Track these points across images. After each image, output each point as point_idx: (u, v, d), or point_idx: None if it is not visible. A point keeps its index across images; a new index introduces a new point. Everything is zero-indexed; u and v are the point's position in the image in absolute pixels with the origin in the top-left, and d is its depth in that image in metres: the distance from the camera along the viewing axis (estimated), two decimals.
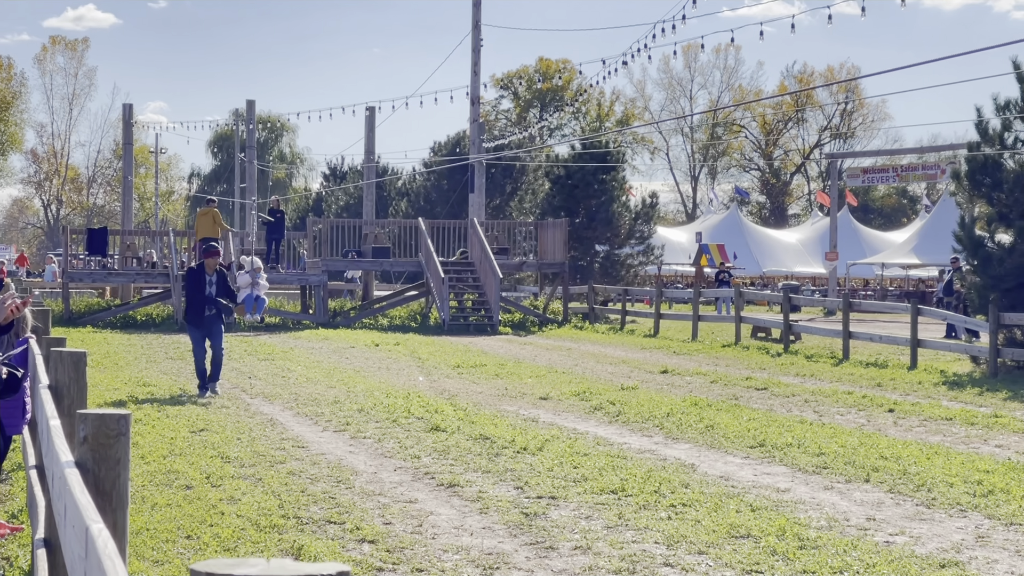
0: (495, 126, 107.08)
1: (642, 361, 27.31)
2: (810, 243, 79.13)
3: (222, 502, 10.88)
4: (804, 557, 9.01)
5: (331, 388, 20.69)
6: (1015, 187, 24.44)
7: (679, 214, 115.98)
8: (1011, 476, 12.40)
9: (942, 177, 61.60)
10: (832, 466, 13.14)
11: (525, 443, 14.37)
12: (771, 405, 19.16)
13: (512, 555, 9.16)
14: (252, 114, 63.67)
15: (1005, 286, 24.22)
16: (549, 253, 44.01)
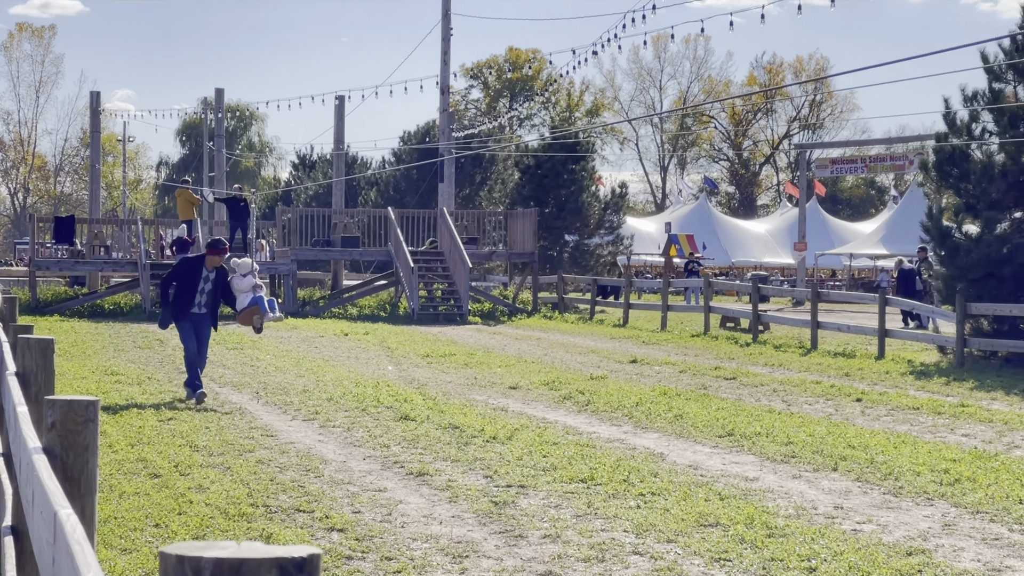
0: (465, 116, 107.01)
1: (611, 351, 27.36)
2: (779, 233, 79.35)
3: (191, 491, 10.86)
4: (772, 545, 9.04)
5: (300, 377, 20.66)
6: (982, 178, 24.56)
7: (648, 204, 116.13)
8: (977, 465, 12.48)
9: (910, 168, 61.86)
10: (800, 455, 13.19)
11: (494, 432, 14.38)
12: (740, 395, 19.23)
13: (481, 543, 9.17)
14: (221, 102, 63.44)
15: (972, 276, 24.35)
16: (519, 243, 44.02)
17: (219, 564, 1.73)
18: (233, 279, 18.37)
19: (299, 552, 1.75)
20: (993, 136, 25.33)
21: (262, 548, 1.77)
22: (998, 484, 11.42)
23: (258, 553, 1.74)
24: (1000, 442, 14.50)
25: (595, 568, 8.46)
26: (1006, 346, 23.75)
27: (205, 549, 1.76)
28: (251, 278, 18.66)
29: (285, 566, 1.74)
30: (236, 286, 18.34)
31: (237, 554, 1.74)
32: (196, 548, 1.76)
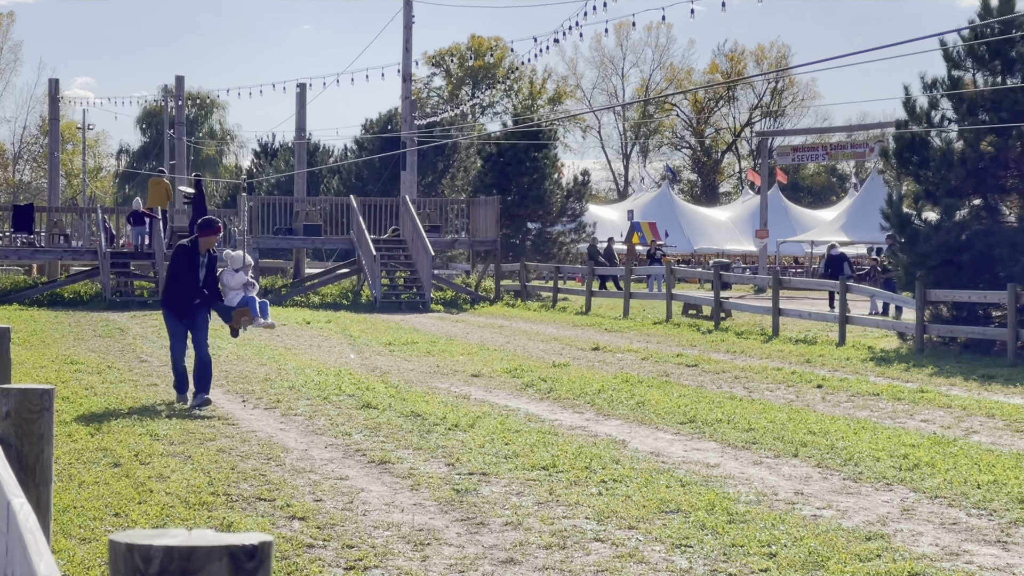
0: (427, 104, 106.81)
1: (574, 338, 27.39)
2: (741, 221, 79.56)
3: (151, 479, 10.81)
4: (733, 531, 9.08)
5: (262, 366, 20.59)
6: (942, 165, 24.69)
7: (611, 192, 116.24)
8: (936, 450, 12.56)
9: (870, 155, 62.18)
10: (761, 441, 13.24)
11: (456, 420, 14.38)
12: (702, 382, 19.28)
13: (443, 531, 9.17)
14: (181, 90, 63.15)
15: (931, 263, 24.49)
16: (481, 231, 44.00)
17: (169, 552, 1.72)
18: (223, 273, 16.48)
19: (250, 539, 1.74)
20: (952, 123, 25.47)
21: (213, 536, 1.76)
22: (956, 469, 11.50)
23: (209, 541, 1.74)
24: (959, 427, 14.59)
25: (556, 555, 8.47)
26: (965, 332, 23.91)
27: (155, 537, 1.75)
28: (243, 274, 16.77)
29: (236, 554, 1.73)
30: (225, 282, 16.42)
31: (188, 542, 1.73)
32: (146, 536, 1.75)
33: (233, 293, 16.54)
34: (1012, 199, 25.82)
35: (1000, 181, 25.17)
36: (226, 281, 16.48)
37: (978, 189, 25.10)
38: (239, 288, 16.64)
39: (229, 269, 16.68)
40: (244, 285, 16.68)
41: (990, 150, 24.75)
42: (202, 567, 1.70)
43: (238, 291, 16.64)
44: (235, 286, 16.59)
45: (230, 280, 16.57)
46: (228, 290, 16.45)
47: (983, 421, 15.06)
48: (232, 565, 1.71)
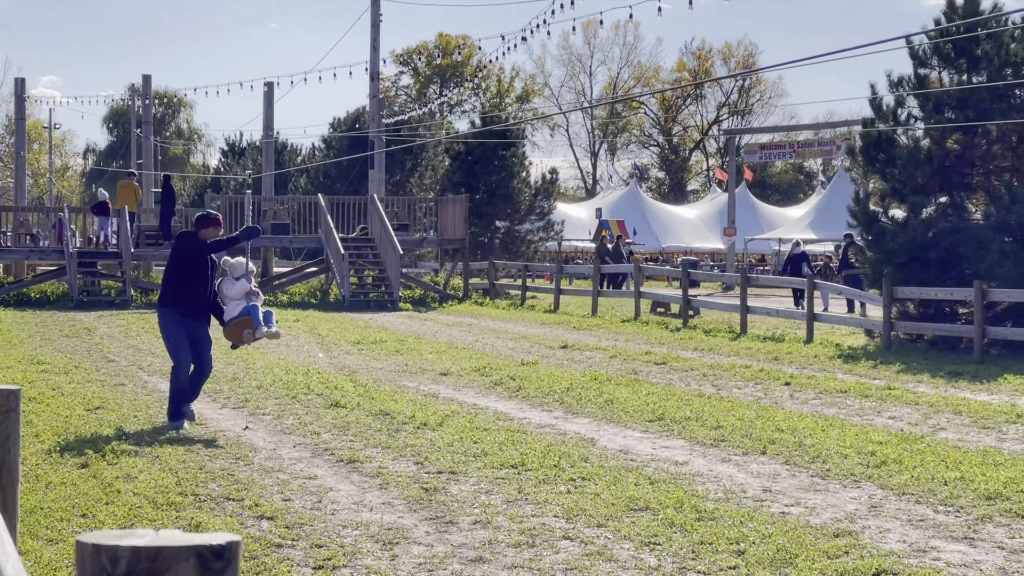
0: (395, 102, 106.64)
1: (542, 336, 27.40)
2: (709, 219, 79.78)
3: (118, 480, 10.76)
4: (701, 528, 9.10)
5: (229, 365, 20.52)
6: (908, 163, 24.79)
7: (579, 190, 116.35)
8: (903, 447, 12.62)
9: (837, 153, 62.40)
10: (730, 439, 13.27)
11: (425, 419, 14.36)
12: (670, 379, 19.32)
13: (412, 530, 9.16)
14: (148, 89, 62.88)
15: (898, 260, 24.59)
16: (449, 229, 43.97)
17: (136, 552, 1.71)
18: (222, 283, 14.53)
19: (218, 539, 1.73)
20: (919, 121, 25.58)
21: (180, 536, 1.75)
22: (924, 466, 11.55)
23: (176, 541, 1.73)
24: (926, 424, 14.66)
25: (525, 553, 8.47)
26: (932, 329, 24.02)
27: (122, 538, 1.74)
28: (245, 282, 14.61)
29: (204, 554, 1.72)
30: (226, 292, 14.46)
31: (155, 542, 1.72)
32: (113, 537, 1.74)
33: (234, 304, 14.48)
34: (978, 197, 25.95)
35: (966, 179, 25.30)
36: (226, 291, 14.47)
37: (944, 187, 25.22)
38: (240, 298, 14.54)
39: (229, 278, 14.55)
40: (247, 294, 14.57)
41: (956, 148, 24.88)
42: (169, 567, 1.69)
43: (239, 301, 14.53)
44: (236, 296, 14.52)
45: (230, 290, 14.50)
46: (228, 300, 14.46)
47: (950, 418, 15.13)
48: (199, 565, 1.71)
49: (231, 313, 14.48)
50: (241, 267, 14.58)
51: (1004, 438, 13.68)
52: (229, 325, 14.50)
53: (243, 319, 14.49)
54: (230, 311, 14.48)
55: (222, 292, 14.44)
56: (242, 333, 14.54)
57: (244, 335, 14.53)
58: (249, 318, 14.52)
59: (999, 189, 24.72)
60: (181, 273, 14.09)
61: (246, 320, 14.51)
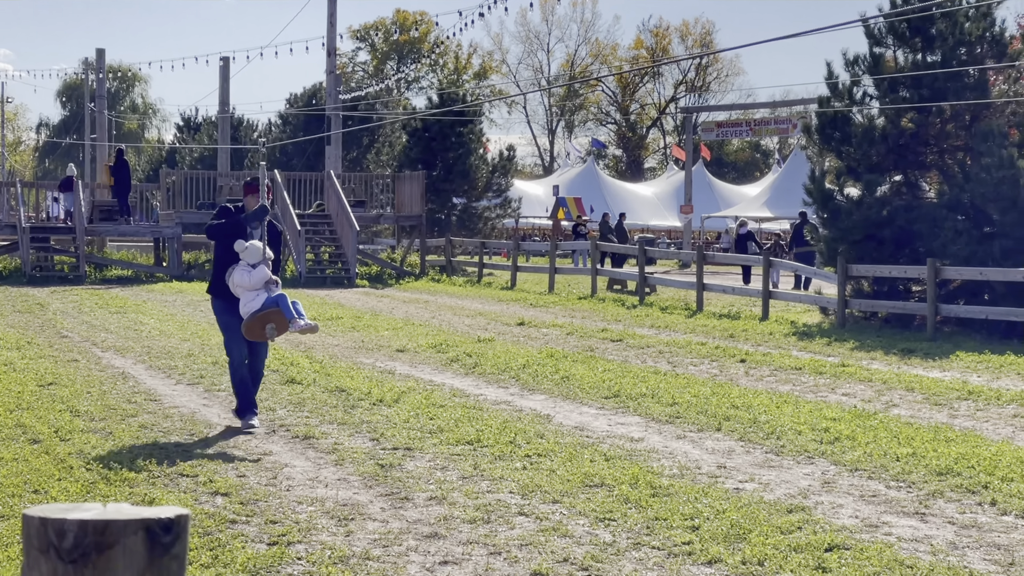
0: (352, 78, 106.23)
1: (499, 313, 27.40)
2: (665, 196, 79.91)
3: (71, 456, 10.70)
4: (656, 504, 9.13)
5: (185, 341, 20.43)
6: (863, 141, 24.90)
7: (536, 167, 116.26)
8: (857, 423, 12.70)
9: (793, 132, 62.62)
10: (685, 415, 13.32)
11: (381, 395, 14.35)
12: (626, 356, 19.36)
13: (367, 506, 9.15)
14: (102, 63, 62.38)
15: (853, 238, 24.71)
16: (406, 206, 43.88)
17: (83, 526, 1.70)
18: (236, 271, 12.61)
19: (166, 513, 1.72)
20: (874, 100, 25.69)
21: (129, 509, 1.74)
22: (876, 442, 11.63)
23: (124, 515, 1.71)
24: (879, 401, 14.76)
25: (481, 529, 8.48)
26: (886, 307, 24.17)
27: (69, 511, 1.72)
28: (264, 269, 12.71)
29: (152, 527, 1.71)
30: (238, 281, 12.58)
31: (102, 516, 1.71)
32: (60, 510, 1.72)
33: (251, 295, 12.54)
34: (932, 175, 26.09)
35: (920, 157, 25.42)
36: (239, 280, 12.59)
37: (899, 165, 25.35)
38: (260, 287, 12.58)
39: (243, 265, 12.60)
40: (266, 284, 12.60)
41: (911, 127, 25.00)
42: (117, 541, 1.67)
43: (259, 291, 12.56)
44: (255, 285, 12.55)
45: (244, 278, 12.57)
46: (243, 291, 12.58)
47: (903, 395, 15.24)
48: (148, 539, 1.70)
49: (250, 305, 12.48)
50: (257, 252, 12.61)
51: (955, 414, 13.79)
52: (250, 320, 12.44)
53: (268, 312, 12.46)
54: (248, 303, 12.51)
55: (234, 281, 12.57)
56: (264, 328, 12.49)
57: (267, 330, 12.48)
58: (276, 310, 12.47)
59: (952, 168, 24.88)
60: (217, 252, 12.82)
61: (272, 313, 12.49)
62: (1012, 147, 23.14)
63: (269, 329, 12.48)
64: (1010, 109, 24.83)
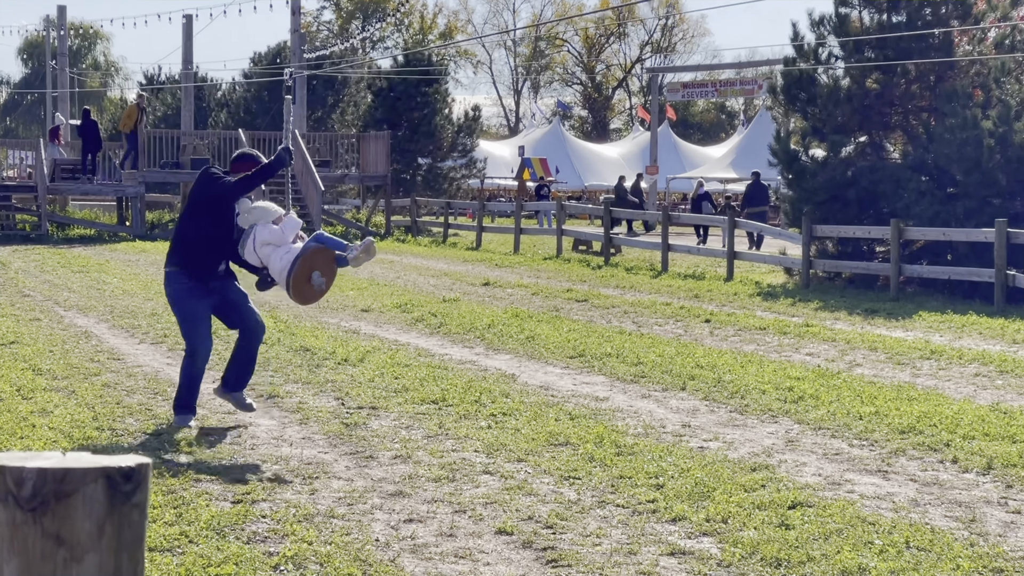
0: (316, 37, 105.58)
1: (464, 274, 27.38)
2: (631, 157, 79.82)
3: (33, 415, 10.64)
4: (621, 463, 9.15)
5: (148, 300, 20.34)
6: (828, 102, 24.94)
7: (502, 128, 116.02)
8: (820, 383, 12.75)
9: (759, 92, 62.63)
10: (650, 375, 13.35)
11: (346, 354, 14.32)
12: (591, 316, 19.38)
13: (332, 465, 9.14)
14: (63, 20, 61.81)
15: (818, 199, 24.78)
16: (371, 166, 43.73)
17: (42, 474, 1.68)
18: (258, 231, 10.48)
19: (127, 461, 1.70)
20: (839, 61, 25.72)
21: (89, 458, 1.72)
22: (840, 401, 11.69)
23: (84, 463, 1.69)
24: (842, 360, 14.83)
25: (445, 488, 8.49)
26: (849, 267, 24.27)
27: (28, 459, 1.70)
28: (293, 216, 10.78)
29: (112, 475, 1.69)
30: (269, 238, 10.46)
31: (62, 464, 1.69)
32: (18, 458, 1.70)
33: (283, 251, 10.48)
34: (896, 136, 26.18)
35: (885, 118, 25.50)
36: (270, 237, 10.46)
37: (864, 126, 25.42)
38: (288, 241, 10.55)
39: (264, 224, 10.55)
40: (297, 236, 10.68)
41: (876, 87, 25.05)
42: (76, 489, 1.65)
43: (285, 246, 10.52)
44: (287, 238, 10.53)
45: (276, 234, 10.47)
46: (274, 249, 10.50)
47: (866, 354, 15.31)
48: (108, 487, 1.68)
49: (285, 259, 10.37)
50: (272, 208, 10.71)
51: (918, 373, 13.88)
52: (294, 276, 10.38)
53: (308, 255, 10.38)
54: (282, 259, 10.40)
55: (263, 241, 10.43)
56: (310, 281, 10.49)
57: (314, 282, 10.48)
58: (318, 247, 10.52)
59: (917, 129, 24.95)
60: (201, 223, 10.41)
61: (313, 254, 10.44)
62: (976, 108, 23.22)
63: (316, 279, 10.41)
64: (974, 70, 24.90)
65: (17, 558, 1.65)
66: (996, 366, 14.19)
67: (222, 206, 10.46)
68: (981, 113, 23.12)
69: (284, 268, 10.36)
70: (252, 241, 10.47)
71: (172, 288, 10.50)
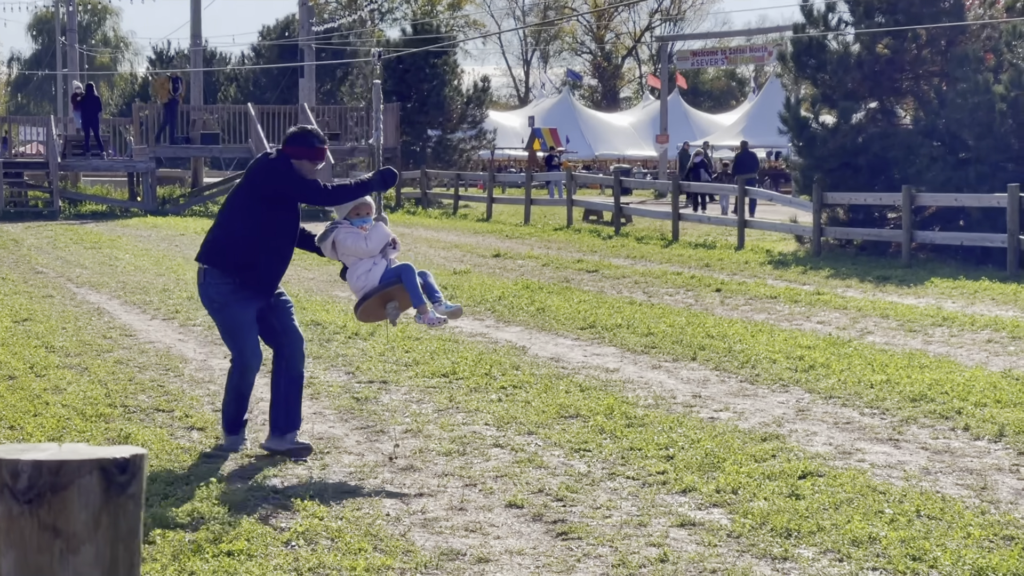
0: (325, 9, 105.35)
1: (474, 245, 27.38)
2: (641, 126, 79.65)
3: (47, 392, 10.68)
4: (631, 435, 9.16)
5: (160, 276, 20.37)
6: (838, 68, 24.84)
7: (512, 98, 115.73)
8: (831, 351, 12.74)
9: (769, 59, 62.41)
10: (660, 345, 13.35)
11: (356, 328, 14.33)
12: (602, 287, 19.37)
13: (343, 439, 9.16)
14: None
15: (828, 166, 24.70)
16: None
17: (38, 467, 1.68)
18: (339, 234, 8.96)
19: (122, 452, 1.71)
20: (849, 26, 25.60)
21: (84, 449, 1.72)
22: (851, 369, 11.68)
23: (79, 455, 1.70)
24: (854, 328, 14.81)
25: (456, 461, 8.50)
26: (861, 234, 24.22)
27: (24, 452, 1.71)
28: (383, 227, 9.10)
29: (107, 467, 1.70)
30: (352, 248, 8.95)
31: (57, 456, 1.70)
32: (14, 451, 1.71)
33: (366, 265, 8.97)
34: (907, 101, 26.07)
35: (896, 84, 25.39)
36: (353, 247, 8.93)
37: (874, 92, 25.31)
38: (375, 252, 8.98)
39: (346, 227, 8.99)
40: (386, 245, 9.05)
41: (886, 53, 24.94)
42: (72, 481, 1.66)
43: (375, 260, 8.99)
44: (372, 251, 8.94)
45: (360, 243, 8.91)
46: (351, 257, 9.00)
47: (877, 322, 15.30)
48: (103, 479, 1.68)
49: (366, 279, 8.94)
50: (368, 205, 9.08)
51: (930, 341, 13.86)
52: (366, 301, 9.01)
53: (390, 290, 8.95)
54: (362, 277, 8.97)
55: (346, 249, 8.96)
56: (384, 307, 9.09)
57: (388, 310, 9.10)
58: (399, 286, 8.95)
59: (928, 94, 24.85)
60: (259, 220, 8.56)
61: (393, 291, 8.97)
62: (987, 72, 23.11)
63: (391, 309, 9.09)
64: (985, 34, 24.78)
65: (14, 550, 1.66)
66: (1009, 332, 14.16)
67: (287, 205, 8.70)
68: (993, 77, 23.01)
69: (362, 289, 8.95)
70: (331, 243, 8.98)
71: (214, 292, 8.64)
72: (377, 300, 8.97)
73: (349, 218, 8.91)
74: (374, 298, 8.95)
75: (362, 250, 8.87)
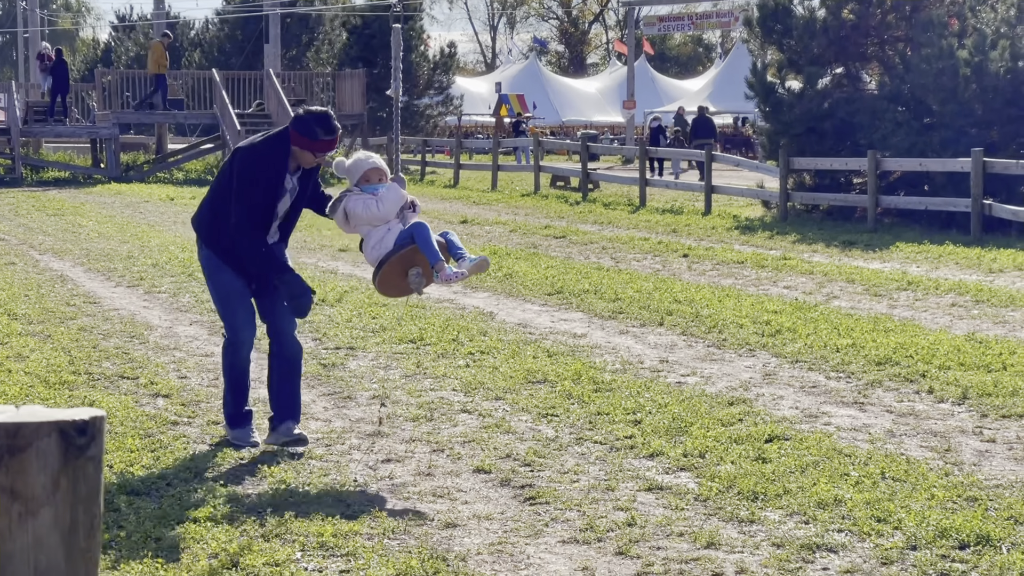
0: None
1: (442, 211, 27.32)
2: (608, 92, 79.55)
3: (9, 360, 10.61)
4: (599, 399, 9.16)
5: (124, 243, 20.25)
6: (804, 33, 24.85)
7: (478, 64, 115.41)
8: (798, 316, 12.78)
9: (735, 25, 62.43)
10: (628, 311, 13.36)
11: (323, 294, 14.29)
12: (569, 253, 19.37)
13: (310, 406, 9.14)
14: None
15: (794, 132, 24.74)
16: (347, 104, 43.50)
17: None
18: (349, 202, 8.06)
19: (81, 415, 1.68)
20: None
21: (42, 411, 1.70)
22: (817, 334, 11.71)
23: (37, 417, 1.67)
24: (820, 293, 14.86)
25: (424, 427, 8.50)
26: (827, 199, 24.29)
27: None
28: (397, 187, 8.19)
29: (66, 429, 1.67)
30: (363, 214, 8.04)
31: (15, 418, 1.67)
32: None
33: (380, 232, 8.08)
34: (872, 67, 26.12)
35: (861, 49, 25.42)
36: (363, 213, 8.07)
37: (840, 57, 25.34)
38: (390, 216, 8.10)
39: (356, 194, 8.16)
40: (403, 208, 8.15)
41: (851, 18, 24.95)
42: (30, 443, 1.63)
43: (388, 225, 8.09)
44: (386, 215, 8.09)
45: (372, 208, 8.06)
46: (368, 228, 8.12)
47: (843, 286, 15.35)
48: (62, 441, 1.66)
49: (380, 248, 8.05)
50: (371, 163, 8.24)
51: (895, 305, 13.92)
52: (384, 270, 8.05)
53: (405, 252, 7.99)
54: (375, 246, 8.08)
55: (357, 217, 8.09)
56: (406, 275, 8.10)
57: (411, 279, 8.10)
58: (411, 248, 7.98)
59: (893, 59, 24.89)
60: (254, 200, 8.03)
61: (409, 254, 8.00)
62: (952, 37, 23.15)
63: (414, 276, 8.08)
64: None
65: None
66: (972, 296, 14.23)
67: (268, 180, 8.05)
68: (957, 42, 23.06)
69: (377, 257, 8.06)
70: (342, 212, 8.15)
71: (209, 264, 8.26)
72: (396, 267, 8.02)
73: (360, 184, 8.11)
74: (392, 263, 7.98)
75: (375, 215, 8.00)
